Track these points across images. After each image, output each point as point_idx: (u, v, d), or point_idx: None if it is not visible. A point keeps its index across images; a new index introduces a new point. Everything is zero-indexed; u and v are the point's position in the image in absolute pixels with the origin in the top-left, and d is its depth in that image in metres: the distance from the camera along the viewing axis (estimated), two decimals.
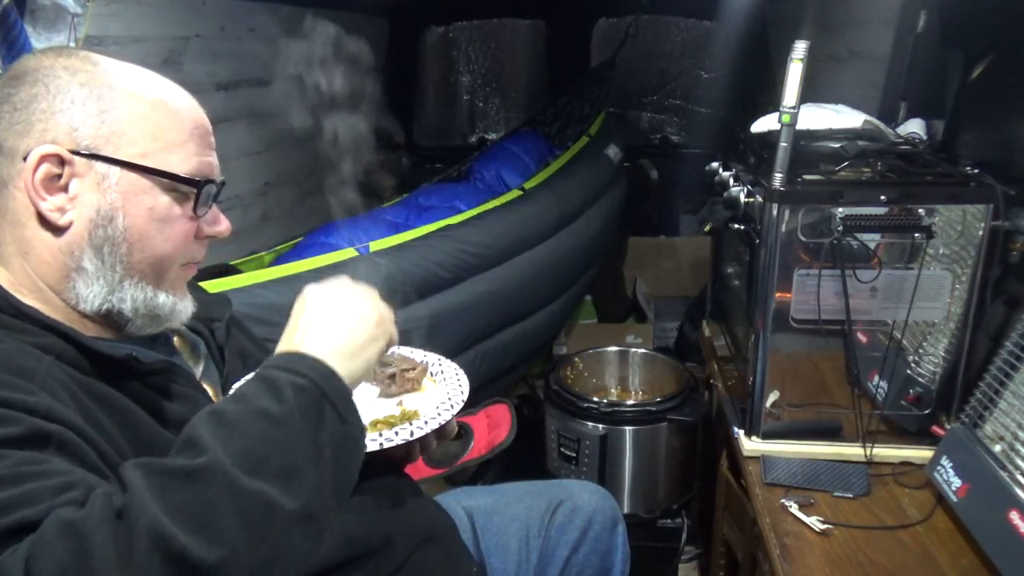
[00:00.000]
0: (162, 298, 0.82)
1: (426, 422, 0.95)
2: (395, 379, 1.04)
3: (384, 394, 1.04)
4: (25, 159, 0.75)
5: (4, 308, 0.74)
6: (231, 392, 0.70)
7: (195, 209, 0.82)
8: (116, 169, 0.77)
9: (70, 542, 0.54)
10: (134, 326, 0.82)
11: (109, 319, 0.81)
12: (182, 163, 0.80)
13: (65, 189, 0.76)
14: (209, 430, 0.63)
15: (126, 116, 0.78)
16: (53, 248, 0.77)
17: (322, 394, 0.69)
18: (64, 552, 0.54)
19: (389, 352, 1.13)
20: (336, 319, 0.78)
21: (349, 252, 1.92)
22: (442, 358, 1.13)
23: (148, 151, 0.78)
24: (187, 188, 0.81)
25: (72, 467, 0.62)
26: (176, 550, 0.55)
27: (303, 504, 0.63)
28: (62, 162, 0.75)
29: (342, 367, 0.74)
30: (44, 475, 0.59)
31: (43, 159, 0.74)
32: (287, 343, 0.76)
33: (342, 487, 0.70)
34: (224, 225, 0.89)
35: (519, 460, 2.04)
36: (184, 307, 0.86)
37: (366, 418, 0.98)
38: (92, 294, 0.78)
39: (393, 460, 1.03)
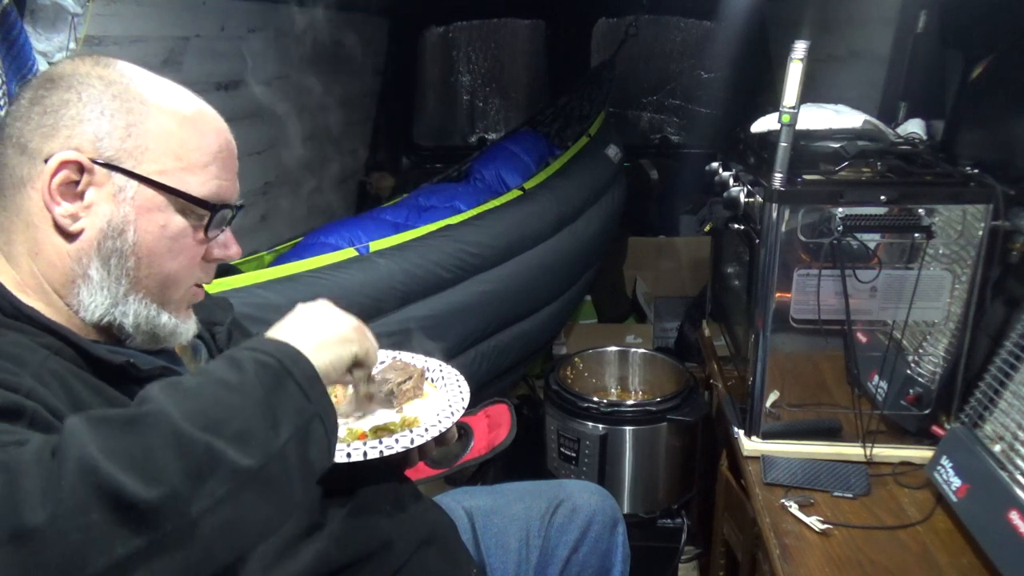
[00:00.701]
0: (164, 318, 0.82)
1: (426, 429, 0.94)
2: (394, 394, 1.03)
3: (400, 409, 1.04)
4: (46, 162, 0.75)
5: (4, 309, 0.74)
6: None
7: (206, 232, 0.83)
8: (134, 183, 0.77)
9: None
10: (133, 342, 0.82)
11: (109, 331, 0.81)
12: (201, 185, 0.81)
13: (81, 197, 0.76)
14: (162, 391, 0.62)
15: (153, 132, 0.78)
16: (62, 253, 0.77)
17: (285, 370, 0.68)
18: None
19: (394, 357, 1.13)
20: (310, 320, 0.79)
21: (349, 252, 1.92)
22: (443, 363, 1.12)
23: (168, 169, 0.79)
24: (201, 210, 0.81)
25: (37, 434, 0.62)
26: (109, 485, 0.54)
27: (257, 464, 0.61)
28: (81, 169, 0.75)
29: (310, 355, 0.73)
30: (4, 433, 0.59)
31: (63, 164, 0.75)
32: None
33: (307, 469, 0.68)
34: (234, 249, 0.88)
35: (519, 460, 2.04)
36: (185, 330, 0.86)
37: (366, 425, 0.98)
38: (95, 304, 0.78)
39: (393, 464, 1.03)
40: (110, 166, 0.76)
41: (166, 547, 0.56)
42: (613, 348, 2.41)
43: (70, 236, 0.77)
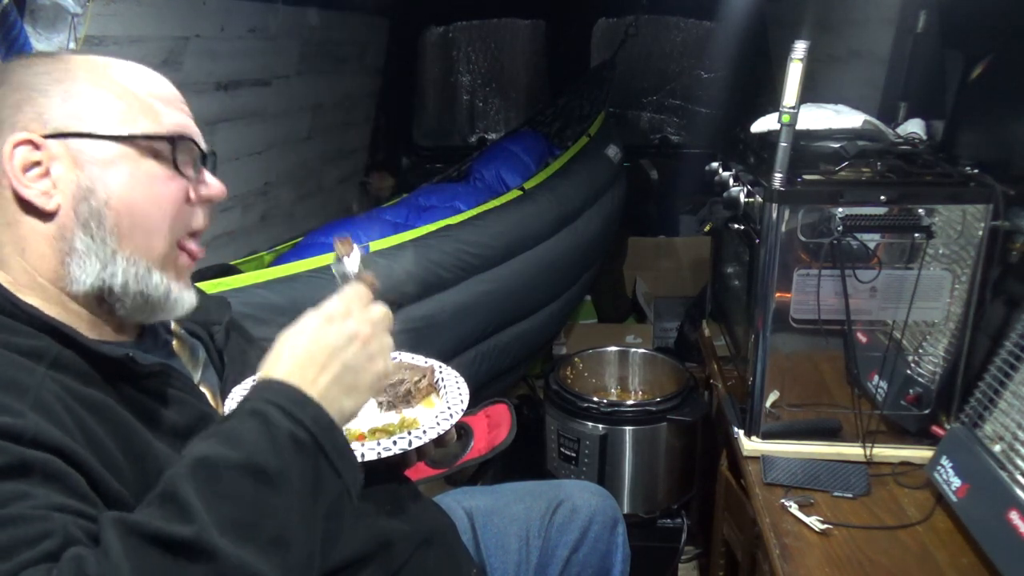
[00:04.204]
0: (156, 277, 0.81)
1: (424, 431, 0.94)
2: (410, 394, 1.03)
3: (400, 410, 1.04)
4: None
5: (3, 306, 0.74)
6: (222, 428, 0.66)
7: (176, 166, 0.82)
8: (87, 142, 0.78)
9: None
10: (124, 308, 0.80)
11: (102, 304, 0.80)
12: (151, 123, 0.81)
13: (47, 174, 0.77)
14: (196, 489, 0.60)
15: (87, 91, 0.79)
16: (47, 236, 0.77)
17: (319, 447, 0.67)
18: None
19: (393, 358, 1.13)
20: (335, 357, 0.73)
21: None
22: (443, 365, 1.12)
23: (116, 119, 0.79)
24: (162, 146, 0.81)
25: (58, 500, 0.60)
26: None
27: (290, 568, 0.61)
28: (37, 148, 0.76)
29: (339, 414, 0.71)
30: (21, 520, 0.57)
31: (16, 146, 0.75)
32: (288, 371, 0.71)
33: (332, 540, 0.68)
34: (217, 187, 0.87)
35: (519, 460, 2.04)
36: (180, 297, 0.84)
37: (365, 426, 0.98)
38: (85, 274, 0.77)
39: (392, 465, 1.03)
40: (60, 135, 0.77)
41: None
42: (613, 348, 2.41)
43: (48, 216, 0.77)
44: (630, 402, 2.10)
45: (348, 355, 0.74)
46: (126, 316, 0.82)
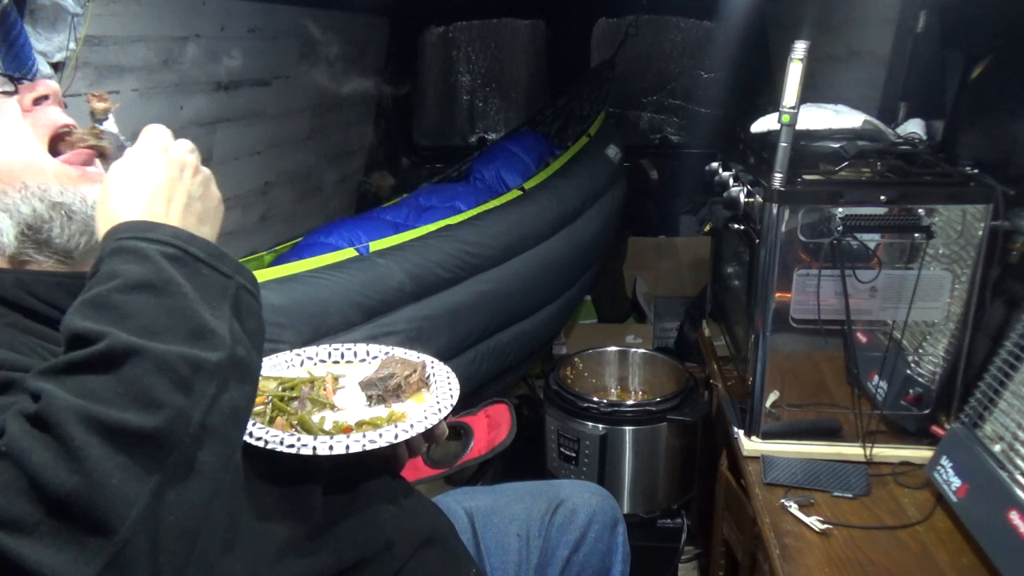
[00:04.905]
0: (56, 189, 0.79)
1: (411, 425, 0.94)
2: (400, 388, 1.03)
3: (389, 404, 1.04)
4: None
5: None
6: (92, 277, 0.63)
7: None
8: None
9: (3, 468, 0.52)
10: (60, 233, 0.79)
11: (42, 248, 0.79)
12: None
13: None
14: (93, 319, 0.58)
15: None
16: None
17: (194, 258, 0.65)
18: (4, 476, 0.52)
19: (386, 353, 1.13)
20: (181, 188, 0.72)
21: (349, 252, 1.92)
22: (434, 360, 1.12)
23: None
24: None
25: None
26: (116, 427, 0.53)
27: (227, 354, 0.61)
28: None
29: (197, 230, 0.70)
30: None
31: None
32: (136, 212, 0.68)
33: (256, 335, 0.68)
34: (39, 83, 0.84)
35: (519, 460, 2.04)
36: (92, 192, 0.81)
37: (353, 419, 0.98)
38: (5, 235, 0.77)
39: (386, 463, 1.03)
40: None
41: (190, 457, 0.56)
42: (613, 348, 2.41)
43: None
44: (630, 402, 2.10)
45: (187, 184, 0.73)
46: (71, 243, 0.80)
